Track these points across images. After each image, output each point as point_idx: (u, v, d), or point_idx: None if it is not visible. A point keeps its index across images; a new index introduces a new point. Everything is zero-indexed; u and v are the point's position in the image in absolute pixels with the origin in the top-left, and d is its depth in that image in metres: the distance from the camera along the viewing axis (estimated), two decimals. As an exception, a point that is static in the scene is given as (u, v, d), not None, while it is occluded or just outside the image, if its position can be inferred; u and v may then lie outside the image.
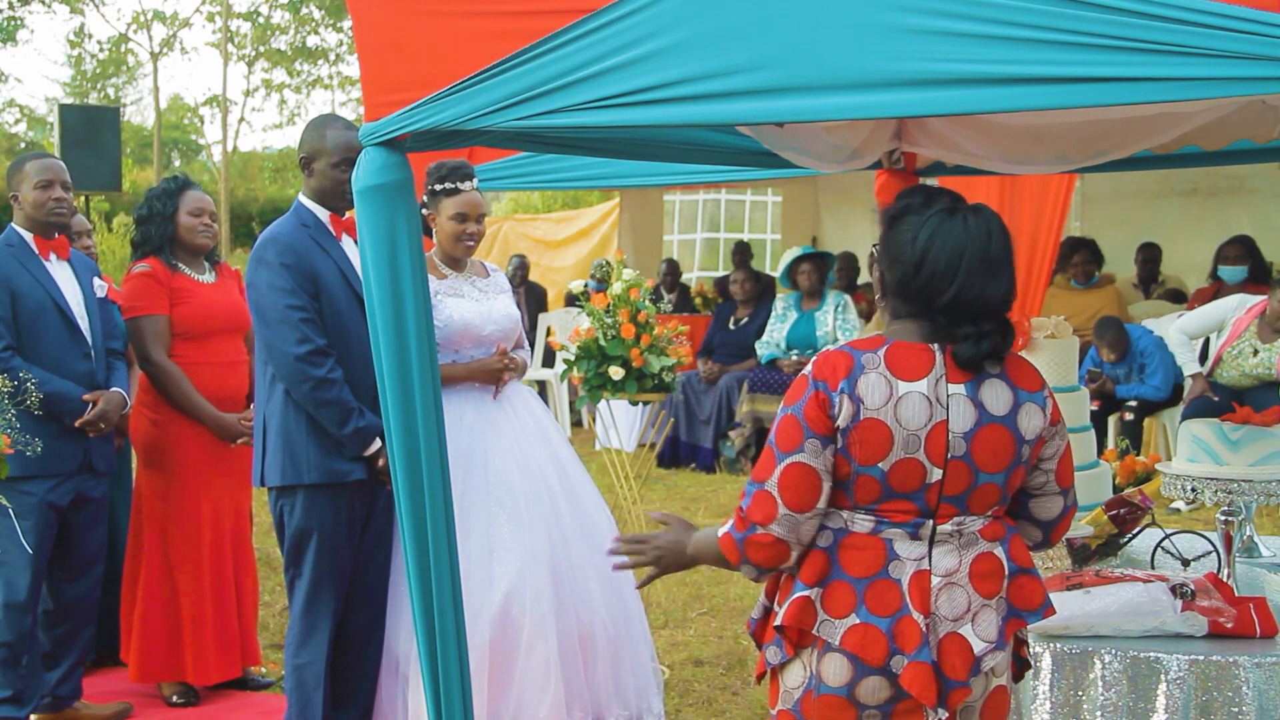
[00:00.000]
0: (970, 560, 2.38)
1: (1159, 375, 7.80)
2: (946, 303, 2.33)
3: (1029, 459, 2.40)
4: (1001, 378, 2.38)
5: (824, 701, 2.38)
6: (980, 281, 2.31)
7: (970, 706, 2.40)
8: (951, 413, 2.34)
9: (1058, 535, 2.57)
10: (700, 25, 2.35)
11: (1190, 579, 3.20)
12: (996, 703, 2.43)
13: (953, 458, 2.34)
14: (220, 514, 4.81)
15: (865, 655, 2.34)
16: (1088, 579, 3.18)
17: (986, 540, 2.40)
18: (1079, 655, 2.99)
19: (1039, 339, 3.95)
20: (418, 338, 2.69)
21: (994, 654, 2.37)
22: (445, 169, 4.13)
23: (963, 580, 2.37)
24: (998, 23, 2.17)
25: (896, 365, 2.34)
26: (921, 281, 2.34)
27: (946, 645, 2.35)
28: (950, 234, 2.33)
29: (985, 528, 2.40)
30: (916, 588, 2.34)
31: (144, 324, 4.70)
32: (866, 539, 2.37)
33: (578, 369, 4.82)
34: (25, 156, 4.59)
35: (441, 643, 2.74)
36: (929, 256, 2.33)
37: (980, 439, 2.35)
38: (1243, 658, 2.89)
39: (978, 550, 2.39)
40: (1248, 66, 2.07)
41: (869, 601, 2.35)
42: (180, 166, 30.40)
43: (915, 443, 2.32)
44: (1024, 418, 2.37)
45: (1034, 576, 2.43)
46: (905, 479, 2.34)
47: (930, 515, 2.36)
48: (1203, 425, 3.46)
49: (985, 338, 2.32)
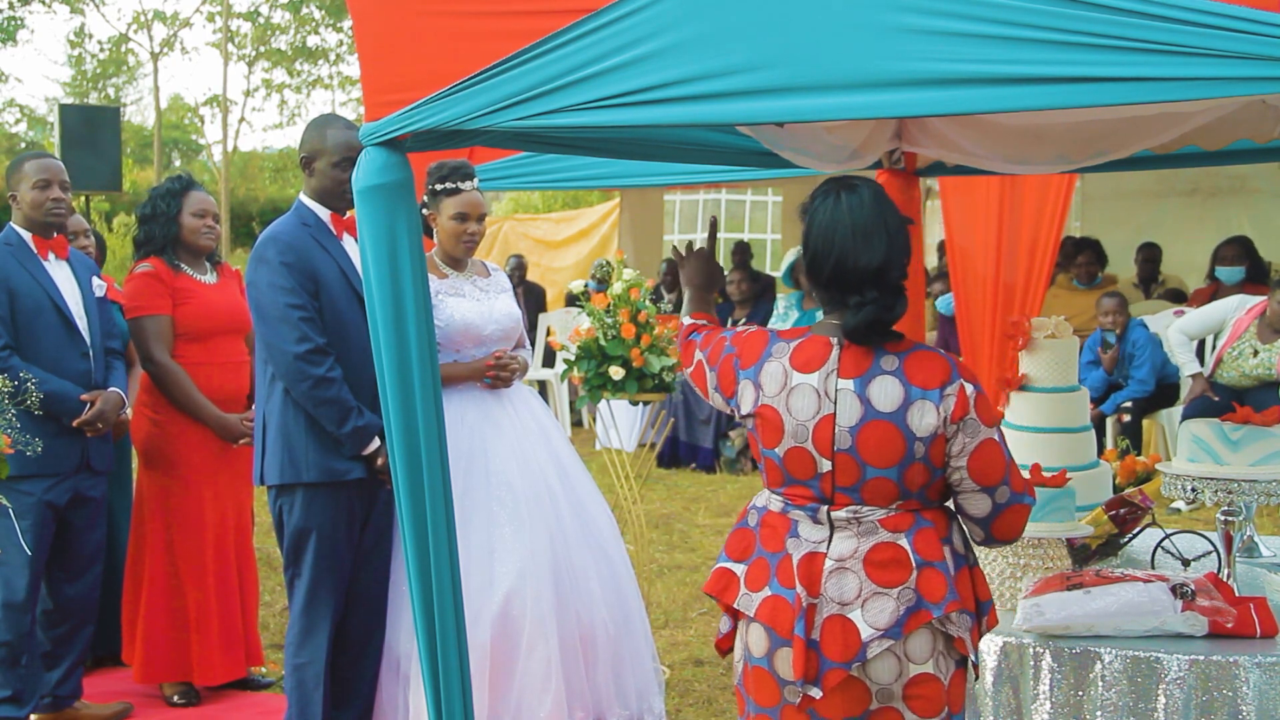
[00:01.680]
0: (868, 548, 2.45)
1: (1145, 368, 7.80)
2: (829, 277, 2.48)
3: (927, 456, 2.43)
4: (896, 375, 2.44)
5: (754, 673, 2.55)
6: (853, 251, 2.44)
7: (887, 690, 2.46)
8: (839, 407, 2.44)
9: (1000, 533, 2.51)
10: (700, 25, 2.35)
11: (1190, 579, 3.20)
12: (925, 692, 2.46)
13: (839, 450, 2.45)
14: (223, 514, 4.81)
15: (776, 625, 2.48)
16: (1088, 579, 3.18)
17: (888, 530, 2.46)
18: (1079, 655, 2.99)
19: (1039, 339, 3.95)
20: (418, 337, 2.69)
21: (882, 641, 2.42)
22: (446, 169, 4.13)
23: (856, 566, 2.45)
24: (998, 23, 2.17)
25: (797, 357, 2.49)
26: (809, 262, 2.52)
27: (829, 626, 2.44)
28: (825, 212, 2.49)
29: (888, 518, 2.46)
30: (805, 568, 2.46)
31: (146, 324, 4.70)
32: (778, 518, 2.54)
33: (578, 369, 4.82)
34: (24, 156, 4.59)
35: (442, 642, 2.74)
36: (810, 237, 2.50)
37: (865, 434, 2.43)
38: (1243, 658, 2.89)
39: (877, 539, 2.45)
40: (1248, 66, 2.07)
41: (779, 575, 2.50)
42: (180, 166, 30.38)
43: (804, 433, 2.46)
44: (914, 415, 2.42)
45: (938, 570, 2.45)
46: (799, 466, 2.49)
47: (827, 501, 2.48)
48: (1203, 425, 3.46)
49: (866, 306, 2.43)
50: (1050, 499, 3.34)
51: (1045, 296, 5.48)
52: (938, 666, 2.46)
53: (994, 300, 5.17)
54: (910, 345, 2.48)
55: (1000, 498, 2.47)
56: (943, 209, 5.57)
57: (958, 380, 2.43)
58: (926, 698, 2.46)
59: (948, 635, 2.46)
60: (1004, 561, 3.35)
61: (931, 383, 2.43)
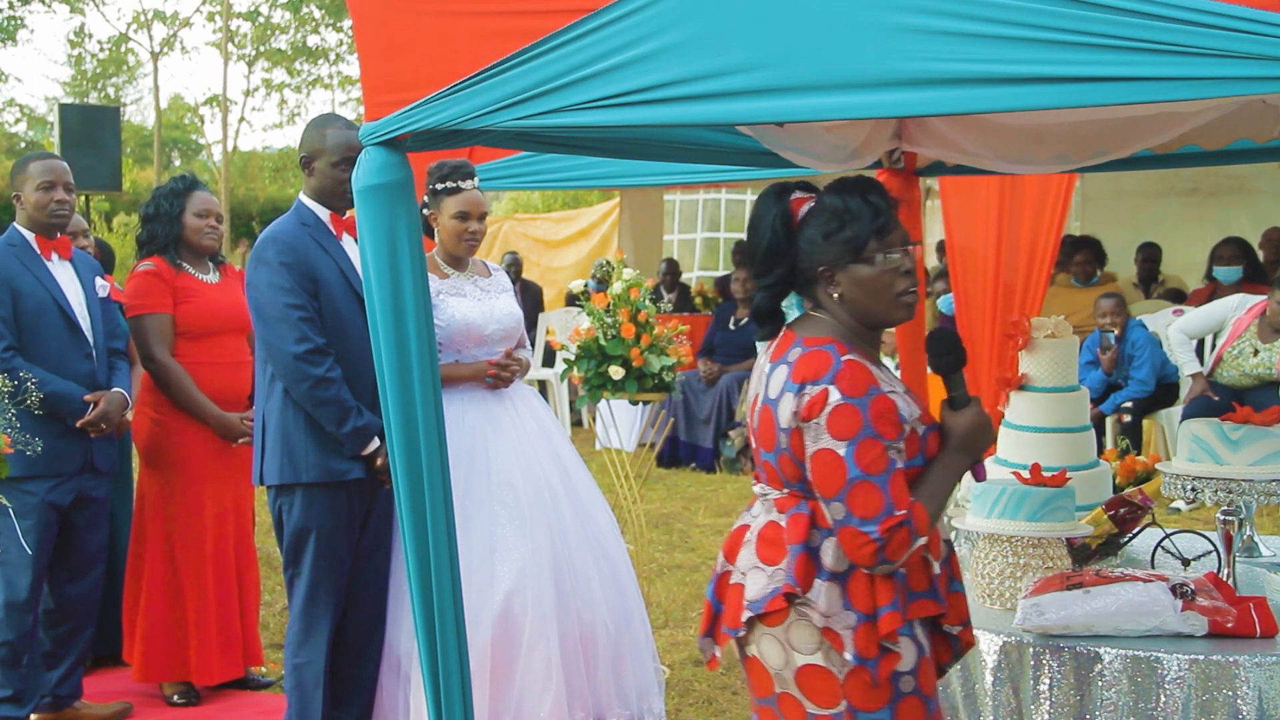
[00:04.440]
0: (763, 524, 2.53)
1: (1144, 368, 7.80)
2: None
3: (789, 448, 2.46)
4: (789, 364, 2.47)
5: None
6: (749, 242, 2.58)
7: (781, 677, 2.50)
8: (764, 389, 2.53)
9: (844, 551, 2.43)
10: (700, 25, 2.35)
11: (1190, 579, 3.20)
12: (816, 685, 2.46)
13: (753, 429, 2.57)
14: (223, 513, 4.81)
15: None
16: (1088, 579, 3.17)
17: (778, 511, 2.51)
18: (1079, 655, 2.99)
19: (1039, 339, 3.95)
20: (418, 337, 2.69)
21: (746, 612, 2.49)
22: (446, 168, 4.13)
23: (753, 539, 2.53)
24: (998, 23, 2.16)
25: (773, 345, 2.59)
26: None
27: (732, 592, 2.55)
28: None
29: (781, 499, 2.52)
30: (733, 538, 2.60)
31: (147, 322, 4.70)
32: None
33: (578, 369, 4.82)
34: (29, 156, 4.60)
35: (441, 643, 2.74)
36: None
37: (759, 416, 2.54)
38: (1243, 658, 2.89)
39: (770, 518, 2.52)
40: (1248, 66, 2.07)
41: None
42: (180, 166, 30.38)
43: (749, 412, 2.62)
44: (783, 405, 2.46)
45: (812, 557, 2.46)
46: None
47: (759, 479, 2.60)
48: (1203, 425, 3.45)
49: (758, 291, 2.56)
50: (1050, 499, 3.34)
51: (1045, 296, 5.49)
52: (828, 660, 2.44)
53: (994, 300, 5.18)
54: (821, 342, 2.46)
55: (835, 513, 2.41)
56: (943, 209, 5.58)
57: (824, 383, 2.39)
58: (818, 690, 2.45)
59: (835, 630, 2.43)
60: (1004, 561, 3.35)
61: (798, 378, 2.43)
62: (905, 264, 2.49)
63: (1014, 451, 3.90)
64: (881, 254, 2.47)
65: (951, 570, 2.60)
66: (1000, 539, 3.34)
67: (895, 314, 2.52)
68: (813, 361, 2.43)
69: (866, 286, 2.48)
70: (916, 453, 2.47)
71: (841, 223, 2.47)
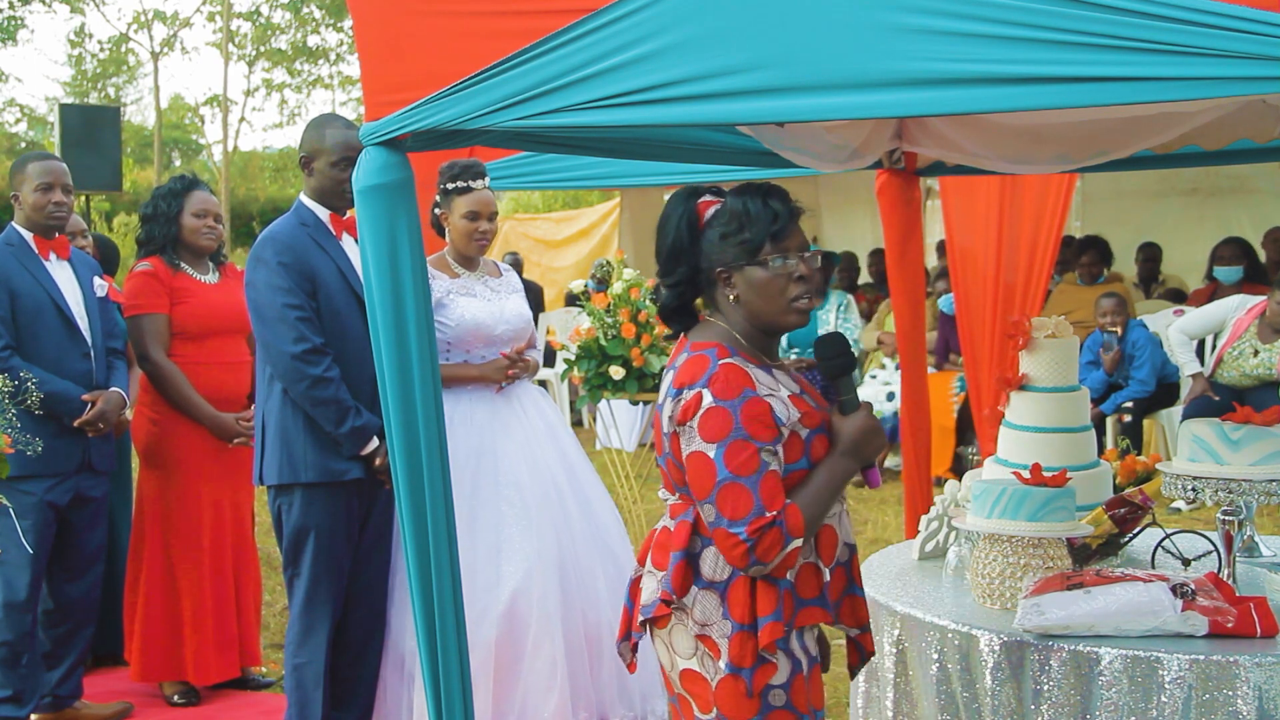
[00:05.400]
0: (660, 529, 2.55)
1: (1145, 369, 7.80)
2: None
3: (671, 451, 2.47)
4: (673, 368, 2.49)
5: None
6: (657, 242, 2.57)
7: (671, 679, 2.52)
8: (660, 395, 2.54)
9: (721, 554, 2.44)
10: (700, 25, 2.35)
11: (1191, 579, 3.19)
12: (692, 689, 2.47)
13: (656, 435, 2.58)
14: (221, 513, 4.81)
15: None
16: (1088, 579, 3.17)
17: (670, 516, 2.53)
18: (1079, 655, 2.99)
19: (1039, 338, 3.94)
20: (418, 338, 2.69)
21: (639, 617, 2.52)
22: (458, 168, 4.14)
23: (654, 544, 2.55)
24: (998, 23, 2.16)
25: None
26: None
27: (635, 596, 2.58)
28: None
29: (674, 505, 2.53)
30: (645, 540, 2.60)
31: (143, 322, 4.70)
32: None
33: (578, 369, 4.83)
34: (28, 157, 4.60)
35: (442, 642, 2.74)
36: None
37: (657, 422, 2.55)
38: (1243, 658, 2.89)
39: (664, 523, 2.55)
40: (1248, 66, 2.07)
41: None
42: (180, 166, 30.40)
43: None
44: (665, 410, 2.48)
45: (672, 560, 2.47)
46: None
47: None
48: (1203, 425, 3.45)
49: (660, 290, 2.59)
50: (1050, 499, 3.34)
51: (1048, 294, 5.48)
52: (703, 665, 2.44)
53: (994, 300, 5.17)
54: (705, 347, 2.46)
55: (708, 515, 2.40)
56: (943, 209, 5.57)
57: (698, 387, 2.39)
58: (695, 695, 2.47)
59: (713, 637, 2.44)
60: (1004, 561, 3.35)
61: (678, 382, 2.44)
62: (799, 269, 2.48)
63: (1014, 451, 3.90)
64: (778, 258, 2.46)
65: (852, 574, 2.59)
66: (1000, 539, 3.34)
67: (787, 319, 2.51)
68: (693, 366, 2.44)
69: (760, 289, 2.48)
70: (800, 456, 2.44)
71: (740, 225, 2.48)
